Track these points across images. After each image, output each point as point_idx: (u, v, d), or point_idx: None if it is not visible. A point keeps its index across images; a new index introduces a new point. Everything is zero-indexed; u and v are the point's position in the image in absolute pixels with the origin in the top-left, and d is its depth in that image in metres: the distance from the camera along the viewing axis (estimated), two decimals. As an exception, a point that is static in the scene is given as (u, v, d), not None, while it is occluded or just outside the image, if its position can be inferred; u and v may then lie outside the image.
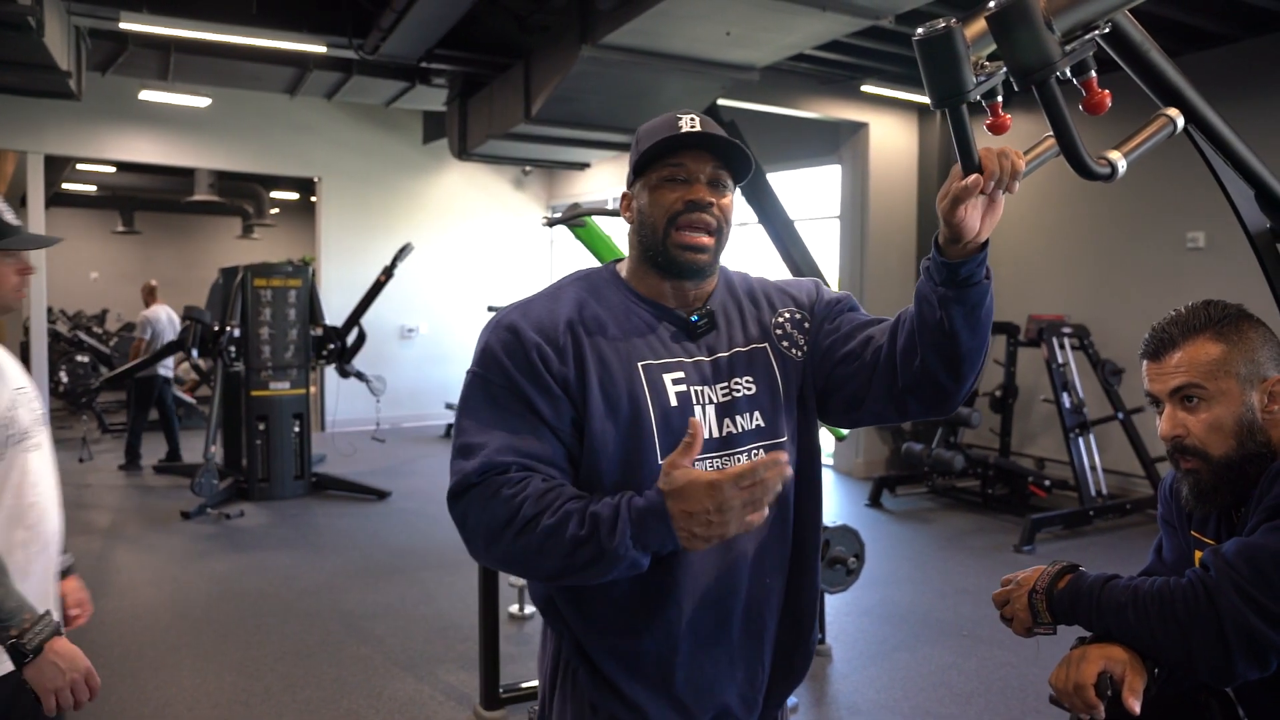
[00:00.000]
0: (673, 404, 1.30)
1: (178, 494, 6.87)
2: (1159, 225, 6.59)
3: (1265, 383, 1.32)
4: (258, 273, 6.93)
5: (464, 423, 1.28)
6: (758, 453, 1.33)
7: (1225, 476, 1.32)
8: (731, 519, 1.12)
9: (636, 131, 1.39)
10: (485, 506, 1.20)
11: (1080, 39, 1.04)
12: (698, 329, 1.36)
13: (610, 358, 1.30)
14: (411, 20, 5.51)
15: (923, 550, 5.73)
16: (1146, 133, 1.21)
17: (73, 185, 13.73)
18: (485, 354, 1.30)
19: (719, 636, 1.32)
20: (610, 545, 1.14)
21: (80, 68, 6.56)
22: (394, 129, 10.22)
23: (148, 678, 3.73)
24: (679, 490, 1.13)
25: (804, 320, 1.44)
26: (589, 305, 1.34)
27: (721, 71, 5.37)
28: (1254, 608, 1.16)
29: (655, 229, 1.32)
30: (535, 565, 1.20)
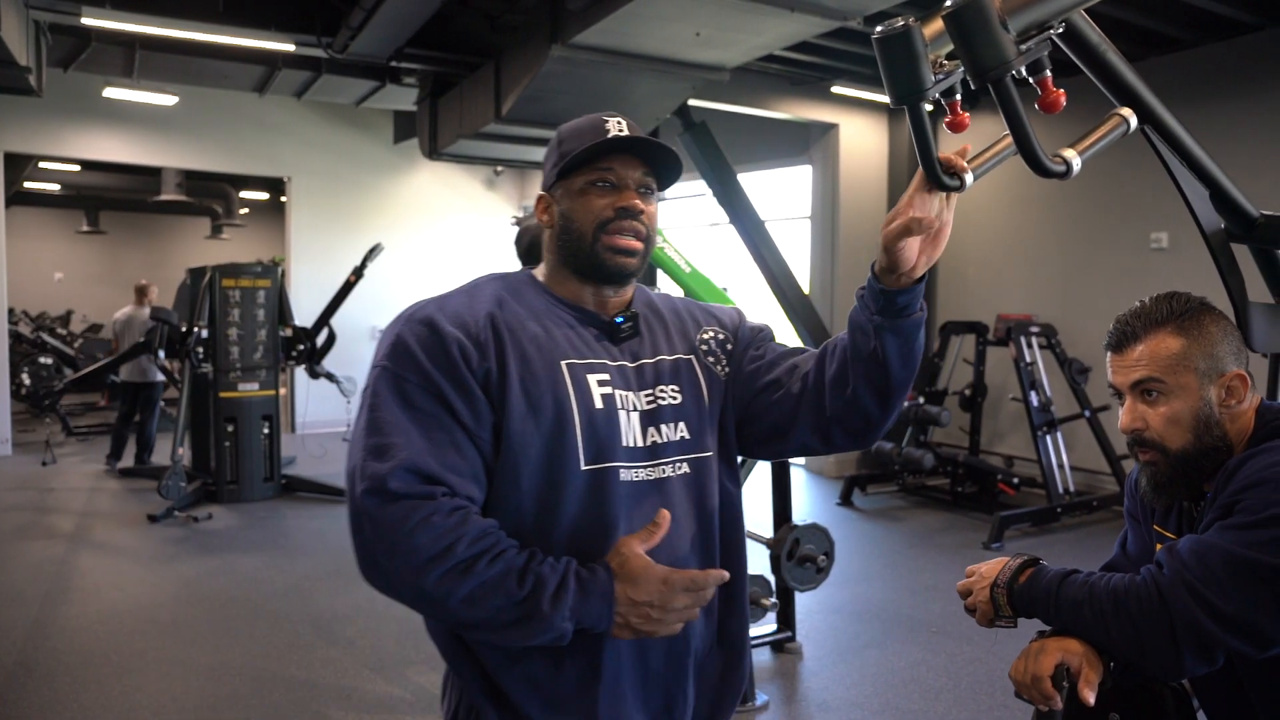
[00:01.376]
0: (598, 406, 1.23)
1: (145, 497, 6.77)
2: (1123, 226, 6.69)
3: (1224, 377, 1.33)
4: (226, 273, 6.85)
5: (375, 422, 1.16)
6: (682, 465, 1.28)
7: (1182, 469, 1.34)
8: (669, 620, 1.13)
9: (557, 131, 1.33)
10: (410, 532, 1.09)
11: (1035, 39, 1.06)
12: (621, 332, 1.31)
13: (532, 354, 1.22)
14: (381, 19, 5.48)
15: (893, 548, 5.78)
16: (1100, 132, 1.23)
17: (35, 184, 13.49)
18: (398, 348, 1.20)
19: (640, 665, 1.25)
20: (548, 612, 1.10)
21: (40, 63, 6.45)
22: (365, 128, 10.16)
23: (112, 684, 3.67)
24: (632, 576, 1.12)
25: (727, 342, 1.40)
26: (508, 301, 1.27)
27: (691, 72, 5.38)
28: (1203, 606, 1.17)
29: (583, 236, 1.27)
30: (455, 612, 1.11)
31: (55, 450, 8.55)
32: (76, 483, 7.55)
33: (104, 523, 6.25)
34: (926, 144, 1.15)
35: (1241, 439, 1.34)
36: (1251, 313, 1.80)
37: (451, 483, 1.14)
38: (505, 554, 1.12)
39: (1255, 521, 1.19)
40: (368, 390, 1.20)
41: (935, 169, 1.18)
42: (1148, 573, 1.25)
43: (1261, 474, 1.22)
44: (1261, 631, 1.17)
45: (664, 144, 1.28)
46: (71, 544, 5.70)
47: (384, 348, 1.22)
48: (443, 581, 1.09)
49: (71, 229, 16.79)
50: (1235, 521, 1.21)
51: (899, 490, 7.21)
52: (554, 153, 1.31)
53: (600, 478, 1.21)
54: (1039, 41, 1.07)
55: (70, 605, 4.58)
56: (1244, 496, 1.22)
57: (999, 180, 7.58)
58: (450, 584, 1.09)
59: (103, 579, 5.03)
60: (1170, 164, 1.68)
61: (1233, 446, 1.34)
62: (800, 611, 4.42)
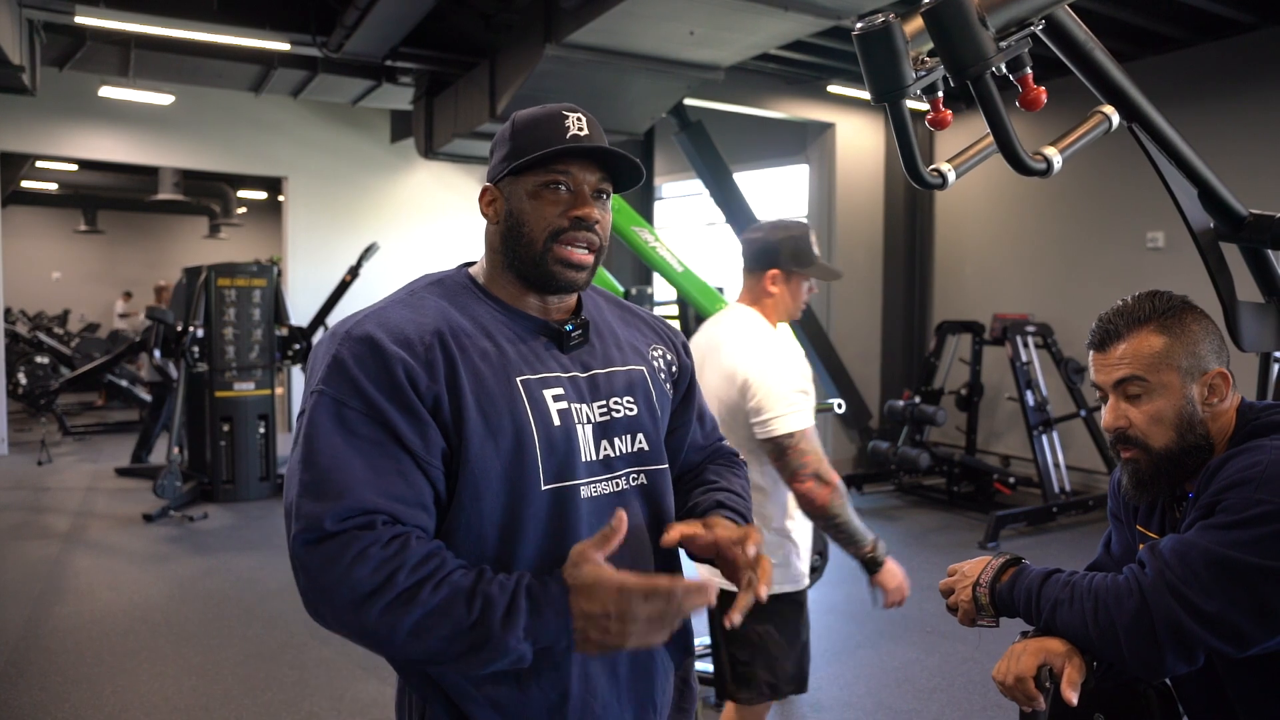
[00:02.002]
0: (555, 423, 1.17)
1: (141, 496, 6.76)
2: (1120, 225, 6.69)
3: (1206, 375, 1.33)
4: (221, 272, 6.84)
5: (312, 455, 1.07)
6: (638, 478, 1.25)
7: (1164, 468, 1.34)
8: (633, 632, 1.04)
9: (511, 120, 1.24)
10: (347, 568, 1.01)
11: (1015, 36, 1.05)
12: (571, 340, 1.24)
13: (485, 373, 1.14)
14: (375, 18, 5.48)
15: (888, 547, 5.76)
16: (1082, 129, 1.23)
17: (33, 183, 13.48)
18: (335, 371, 1.09)
19: (608, 677, 1.20)
20: (501, 634, 1.02)
21: (34, 62, 6.44)
22: (362, 128, 10.14)
23: (104, 683, 3.67)
24: (586, 587, 1.04)
25: (673, 365, 1.38)
26: (452, 314, 1.18)
27: (686, 71, 5.38)
28: (1184, 605, 1.17)
29: (533, 241, 1.20)
30: (403, 644, 1.03)
31: (52, 450, 8.55)
32: (72, 482, 7.54)
33: (99, 522, 6.24)
34: (908, 141, 1.15)
35: (1223, 438, 1.34)
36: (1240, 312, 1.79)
37: (394, 510, 1.07)
38: (451, 576, 1.04)
39: (1237, 521, 1.19)
40: (303, 417, 1.10)
41: (917, 166, 1.17)
42: (1129, 572, 1.25)
43: (1243, 474, 1.22)
44: (1241, 631, 1.16)
45: (625, 153, 1.22)
46: (66, 544, 5.69)
47: (320, 369, 1.12)
48: (386, 615, 1.01)
49: (69, 228, 16.79)
50: (1217, 521, 1.21)
51: (895, 489, 7.21)
52: (505, 143, 1.22)
53: (561, 496, 1.17)
54: (1019, 39, 1.07)
55: (64, 605, 4.57)
56: (1226, 496, 1.22)
57: (995, 180, 7.59)
58: (394, 617, 1.01)
59: (96, 579, 5.02)
60: (1158, 162, 1.68)
61: (1214, 445, 1.33)
62: (795, 611, 4.42)
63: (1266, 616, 1.16)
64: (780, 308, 2.31)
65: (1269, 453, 1.23)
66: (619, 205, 3.47)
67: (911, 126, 1.14)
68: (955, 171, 1.19)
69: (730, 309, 2.36)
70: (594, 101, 5.92)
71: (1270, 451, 1.23)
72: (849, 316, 8.07)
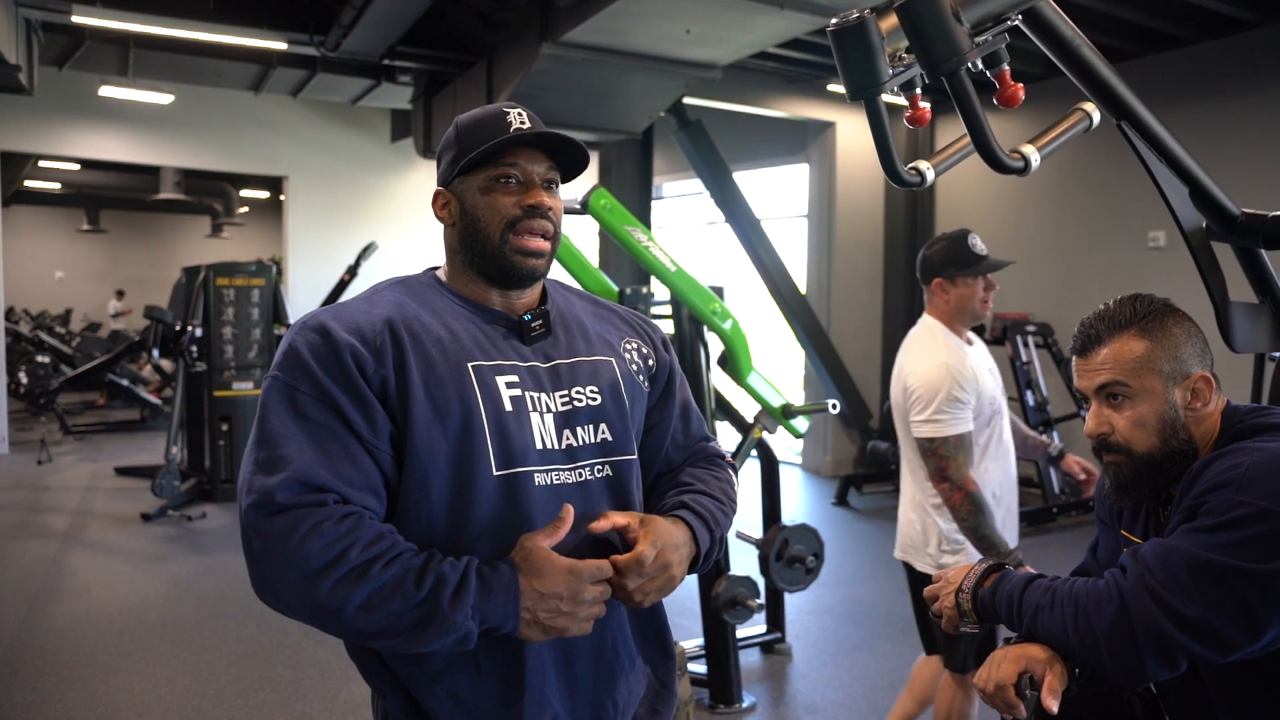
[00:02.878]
0: (507, 409, 1.18)
1: (140, 496, 6.76)
2: (1121, 225, 6.66)
3: (1188, 379, 1.31)
4: (220, 272, 6.84)
5: (265, 434, 1.11)
6: (604, 469, 1.25)
7: (1146, 472, 1.32)
8: (579, 614, 1.10)
9: (454, 124, 1.28)
10: (299, 542, 1.04)
11: (991, 31, 1.03)
12: (532, 331, 1.25)
13: (436, 358, 1.17)
14: (372, 16, 5.46)
15: (887, 548, 5.72)
16: (1062, 127, 1.20)
17: (35, 183, 13.50)
18: (289, 358, 1.14)
19: (564, 672, 1.21)
20: (448, 611, 1.05)
21: (31, 62, 6.44)
22: (362, 127, 10.14)
23: (97, 684, 3.66)
24: (536, 568, 1.09)
25: (649, 358, 1.37)
26: (409, 305, 1.22)
27: (684, 70, 5.36)
28: (1165, 610, 1.15)
29: (490, 235, 1.22)
30: (351, 621, 1.05)
31: (53, 449, 8.56)
32: (72, 481, 7.54)
33: (97, 522, 6.24)
34: (884, 139, 1.13)
35: (1207, 441, 1.32)
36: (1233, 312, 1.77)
37: (345, 493, 1.09)
38: (402, 556, 1.07)
39: (1219, 524, 1.17)
40: (261, 403, 1.15)
41: (894, 164, 1.15)
42: (1110, 577, 1.23)
43: (1225, 476, 1.20)
44: (1223, 636, 1.14)
45: (569, 137, 1.23)
46: (64, 543, 5.69)
47: (277, 357, 1.17)
48: (337, 589, 1.04)
49: (72, 228, 16.83)
50: (1199, 524, 1.19)
51: (895, 490, 7.18)
52: (452, 147, 1.25)
53: (513, 483, 1.17)
54: (996, 34, 1.05)
55: (59, 605, 4.56)
56: (1208, 499, 1.20)
57: (996, 179, 7.56)
58: (345, 591, 1.04)
59: (93, 578, 5.02)
60: (1148, 161, 1.66)
61: (1198, 449, 1.32)
62: (791, 612, 4.40)
63: (1249, 621, 1.14)
64: (956, 313, 2.43)
65: (1251, 454, 1.21)
66: (611, 204, 3.45)
67: (888, 124, 1.12)
68: (934, 170, 1.17)
69: (921, 320, 2.52)
70: (591, 100, 5.90)
71: (1252, 453, 1.21)
72: (849, 316, 8.04)
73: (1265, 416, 1.31)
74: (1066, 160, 6.69)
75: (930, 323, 2.46)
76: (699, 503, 1.30)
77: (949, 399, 2.27)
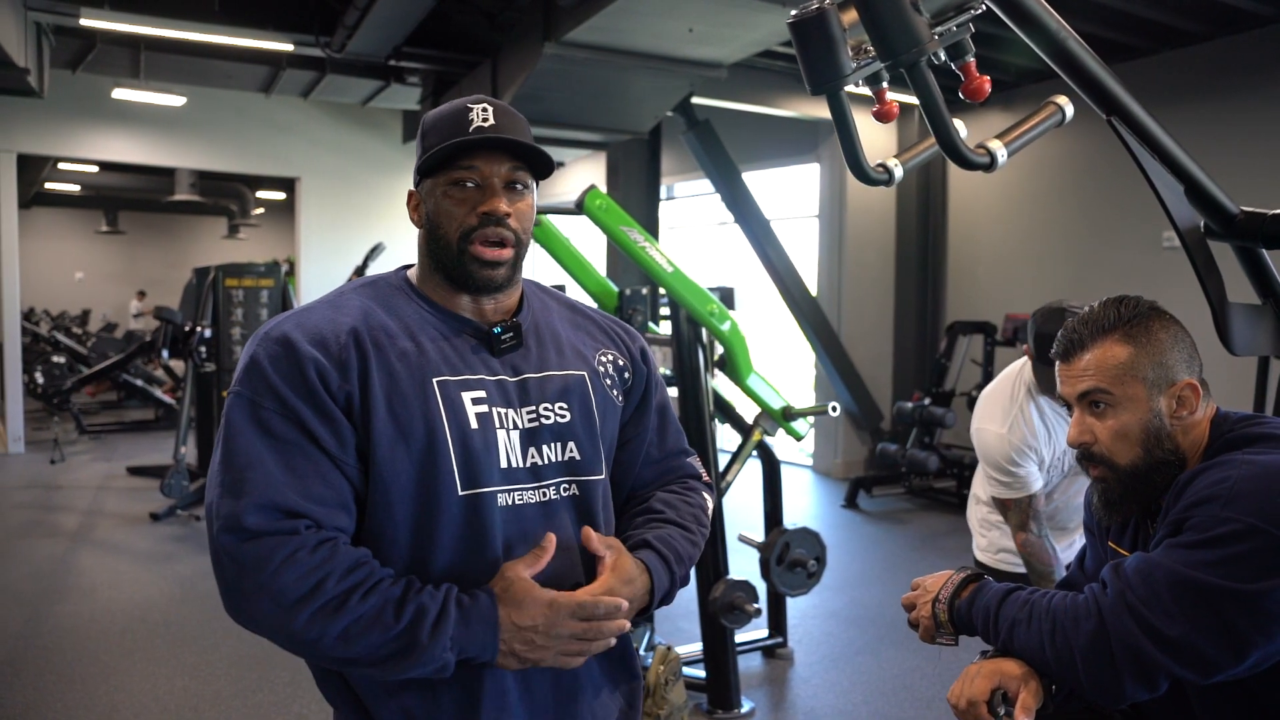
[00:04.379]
0: (472, 426, 1.14)
1: (150, 495, 6.79)
2: (1135, 225, 6.56)
3: (1174, 387, 1.26)
4: (229, 273, 6.87)
5: (229, 454, 1.07)
6: (570, 488, 1.21)
7: (1132, 486, 1.27)
8: (554, 647, 1.08)
9: (421, 121, 1.23)
10: (274, 573, 1.02)
11: (953, 21, 1.00)
12: (501, 343, 1.20)
13: (400, 373, 1.13)
14: (375, 18, 5.46)
15: (895, 551, 5.69)
16: (1032, 122, 1.16)
17: (55, 185, 13.64)
18: (251, 371, 1.10)
19: (522, 691, 1.17)
20: (428, 642, 1.03)
21: (42, 65, 6.49)
22: (373, 128, 10.16)
23: (97, 683, 3.67)
24: (516, 600, 1.07)
25: (625, 370, 1.33)
26: (376, 314, 1.17)
27: (688, 69, 5.32)
28: (1145, 629, 1.10)
29: (449, 243, 1.18)
30: (329, 651, 1.04)
31: (68, 448, 8.62)
32: (84, 480, 7.59)
33: (107, 521, 6.28)
34: (848, 134, 1.10)
35: (1196, 451, 1.27)
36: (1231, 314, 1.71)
37: (316, 514, 1.07)
38: (380, 585, 1.05)
39: (1203, 540, 1.11)
40: (225, 418, 1.11)
41: (859, 161, 1.12)
42: (1090, 592, 1.18)
43: (1211, 490, 1.15)
44: (1206, 657, 1.09)
45: (525, 142, 1.17)
46: (73, 542, 5.73)
47: (239, 369, 1.13)
48: (314, 621, 1.02)
49: (91, 229, 17.01)
50: (1183, 540, 1.14)
51: (905, 492, 7.12)
52: (419, 145, 1.21)
53: (476, 503, 1.13)
54: (960, 24, 1.01)
55: (65, 604, 4.58)
56: (1193, 514, 1.15)
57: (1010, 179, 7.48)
58: (322, 623, 1.02)
59: (99, 578, 5.04)
60: (1140, 158, 1.60)
61: (1186, 459, 1.26)
62: (795, 616, 4.35)
63: (1233, 642, 1.08)
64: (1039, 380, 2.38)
65: (1239, 467, 1.16)
66: (606, 204, 3.42)
67: (852, 119, 1.08)
68: (902, 166, 1.14)
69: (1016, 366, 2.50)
70: (596, 100, 5.88)
71: (1240, 466, 1.16)
72: (860, 317, 7.97)
73: (1256, 426, 1.26)
74: (1080, 159, 6.61)
75: (1017, 372, 2.43)
76: (666, 539, 1.25)
77: (1004, 472, 2.36)
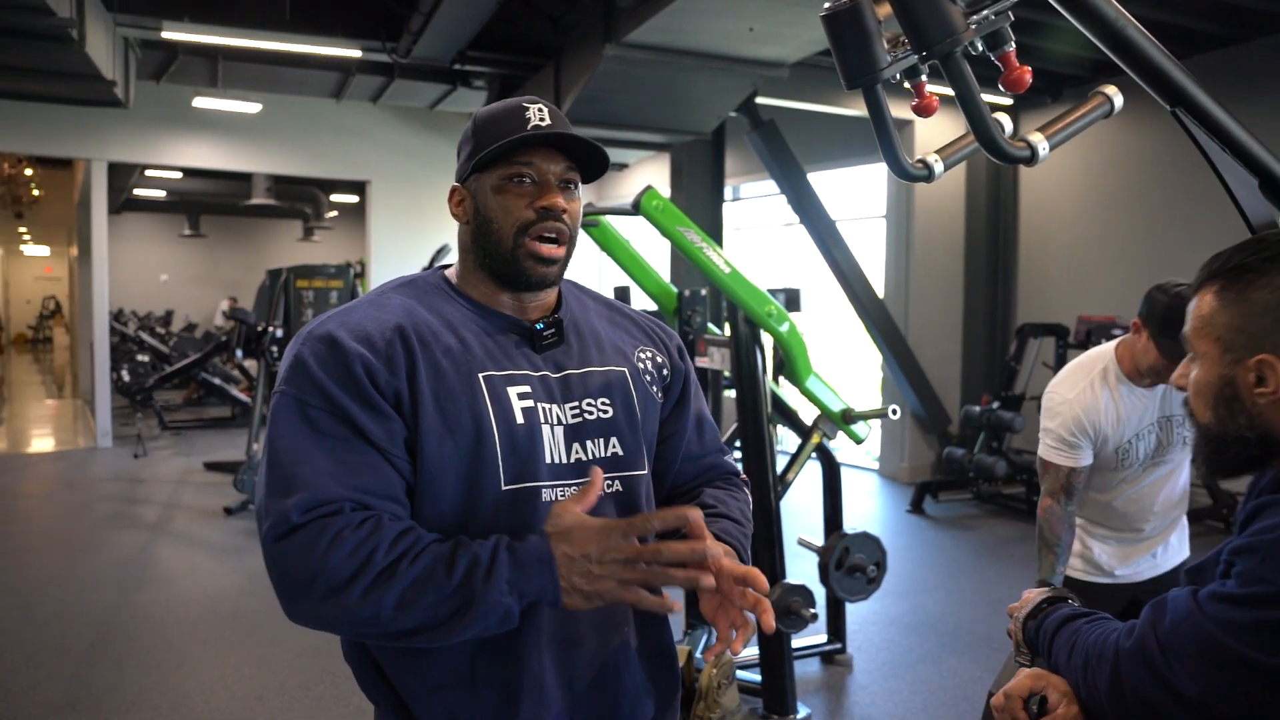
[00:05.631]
0: (518, 421, 1.14)
1: (225, 490, 7.02)
2: (1221, 220, 6.26)
3: (1255, 359, 1.07)
4: (300, 274, 7.07)
5: (277, 453, 1.07)
6: (613, 484, 1.20)
7: (1211, 449, 1.13)
8: (611, 574, 1.02)
9: (473, 118, 1.23)
10: (322, 555, 1.01)
11: (990, 9, 0.97)
12: (544, 340, 1.21)
13: (446, 369, 1.13)
14: (439, 23, 5.55)
15: (960, 558, 5.56)
16: (1078, 114, 1.11)
17: (143, 191, 14.23)
18: (297, 370, 1.10)
19: (564, 689, 1.16)
20: (484, 590, 1.01)
21: (128, 76, 6.77)
22: (441, 131, 10.31)
23: (172, 669, 3.81)
24: (565, 531, 1.04)
25: (664, 368, 1.33)
26: (418, 311, 1.17)
27: (750, 68, 5.28)
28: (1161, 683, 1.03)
29: (502, 238, 1.18)
30: (386, 623, 1.02)
31: (150, 444, 8.97)
32: (164, 475, 7.89)
33: (184, 514, 6.52)
34: (885, 129, 1.07)
35: None
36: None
37: (367, 501, 1.07)
38: (428, 548, 1.04)
39: (1238, 597, 1.01)
40: (271, 419, 1.11)
41: (898, 157, 1.09)
42: (1118, 633, 1.11)
43: (1260, 538, 1.03)
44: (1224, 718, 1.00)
45: (587, 139, 1.18)
46: (153, 533, 5.96)
47: (283, 369, 1.12)
48: (369, 595, 1.00)
49: (175, 233, 17.69)
50: (1224, 592, 1.03)
51: (973, 498, 6.94)
52: (469, 141, 1.21)
53: (521, 497, 1.14)
54: (998, 13, 0.98)
55: (144, 592, 4.77)
56: (1238, 560, 1.04)
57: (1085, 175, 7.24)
58: (377, 595, 1.00)
59: (176, 568, 5.24)
60: (1208, 150, 1.53)
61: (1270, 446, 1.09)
62: (855, 622, 4.28)
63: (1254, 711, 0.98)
64: (1133, 356, 2.33)
65: None
66: (663, 205, 3.41)
67: (889, 114, 1.06)
68: (944, 163, 1.10)
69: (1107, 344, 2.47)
70: (658, 101, 5.88)
71: None
72: (928, 319, 7.81)
73: None
74: (1161, 151, 6.36)
75: (1103, 353, 2.38)
76: (728, 532, 1.26)
77: (1056, 435, 2.32)
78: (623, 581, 1.03)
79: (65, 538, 5.92)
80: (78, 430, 10.17)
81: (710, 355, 3.92)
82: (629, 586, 1.03)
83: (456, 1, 5.18)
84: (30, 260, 23.48)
